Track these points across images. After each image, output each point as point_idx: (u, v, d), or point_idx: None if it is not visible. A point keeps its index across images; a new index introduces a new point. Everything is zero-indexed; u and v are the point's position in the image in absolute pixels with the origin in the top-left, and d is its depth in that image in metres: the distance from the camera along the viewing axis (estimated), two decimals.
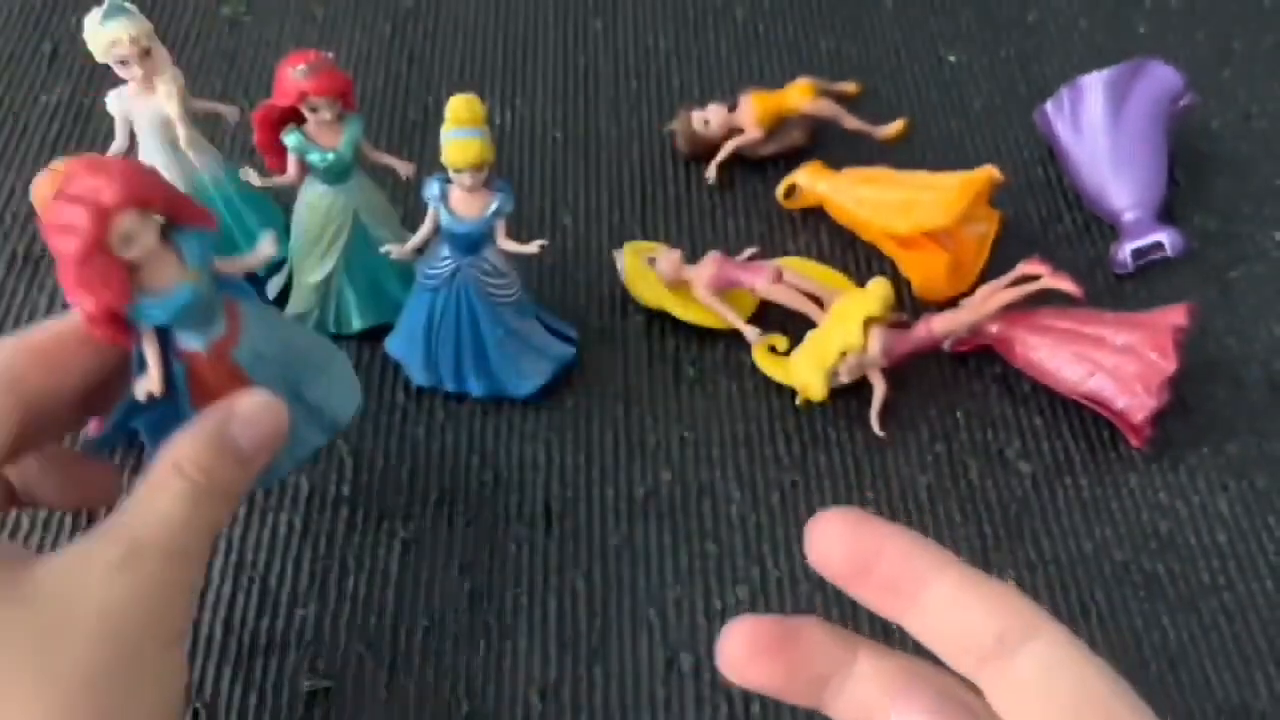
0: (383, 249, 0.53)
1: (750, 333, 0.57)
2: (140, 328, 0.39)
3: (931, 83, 0.72)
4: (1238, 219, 0.65)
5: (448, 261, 0.52)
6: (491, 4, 0.76)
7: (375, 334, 0.57)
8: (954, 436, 0.55)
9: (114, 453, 0.53)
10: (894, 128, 0.67)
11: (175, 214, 0.38)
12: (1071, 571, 0.51)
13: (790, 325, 0.58)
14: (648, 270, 0.58)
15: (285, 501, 0.52)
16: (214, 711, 0.46)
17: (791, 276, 0.57)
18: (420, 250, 0.53)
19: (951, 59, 0.74)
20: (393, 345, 0.56)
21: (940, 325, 0.54)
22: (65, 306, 0.49)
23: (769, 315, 0.59)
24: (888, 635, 0.49)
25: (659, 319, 0.60)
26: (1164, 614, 0.50)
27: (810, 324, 0.56)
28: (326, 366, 0.46)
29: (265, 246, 0.42)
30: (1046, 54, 0.74)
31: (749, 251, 0.61)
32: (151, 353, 0.40)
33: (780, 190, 0.64)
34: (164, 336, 0.40)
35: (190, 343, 0.41)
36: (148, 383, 0.40)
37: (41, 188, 0.45)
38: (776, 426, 0.56)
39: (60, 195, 0.35)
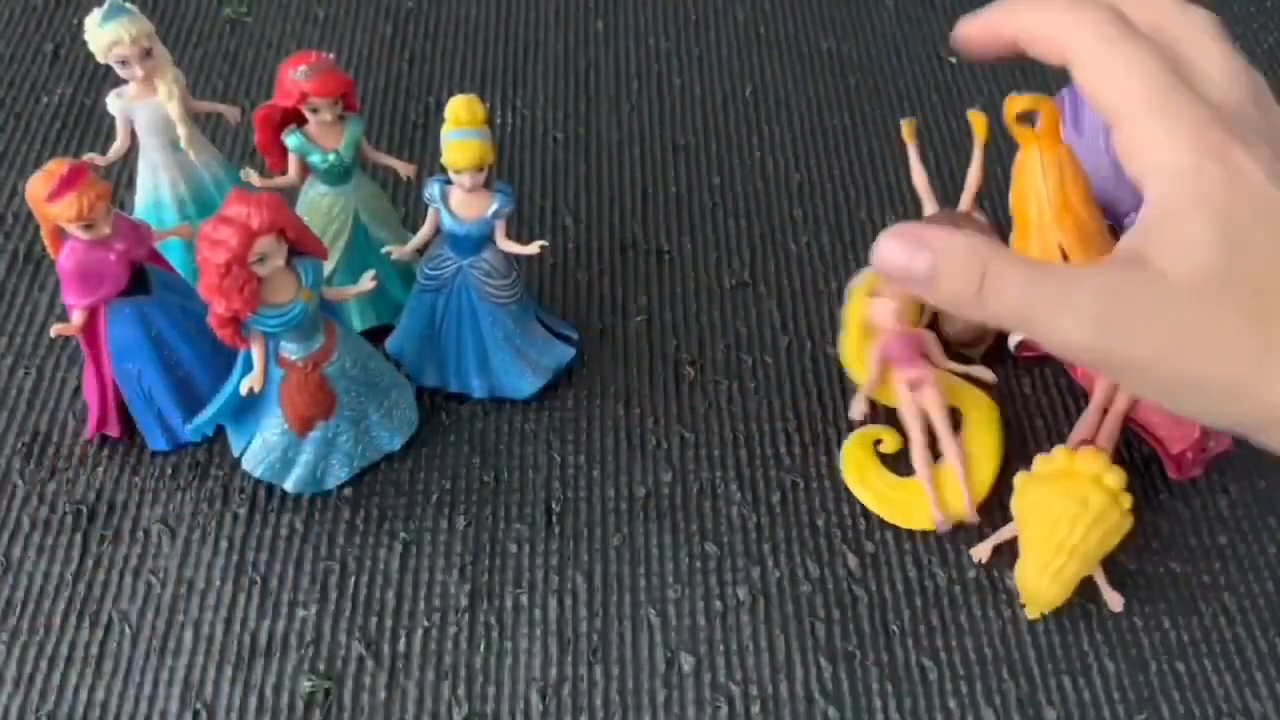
0: (383, 250, 0.53)
1: (856, 409, 0.53)
2: (253, 334, 0.46)
3: (931, 83, 0.72)
4: None
5: (448, 262, 0.52)
6: (492, 5, 0.76)
7: (376, 334, 0.57)
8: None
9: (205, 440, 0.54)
10: None
11: (299, 243, 0.45)
12: None
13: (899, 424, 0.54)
14: (862, 300, 0.53)
15: (286, 503, 0.52)
16: (214, 712, 0.46)
17: (930, 393, 0.52)
18: (421, 251, 0.53)
19: (952, 60, 0.74)
20: (393, 346, 0.56)
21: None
22: (64, 307, 0.49)
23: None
24: (888, 637, 0.49)
25: (659, 319, 0.60)
26: (1164, 615, 0.50)
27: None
28: (390, 391, 0.53)
29: (366, 281, 0.49)
30: None
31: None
32: (259, 355, 0.47)
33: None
34: (270, 345, 0.47)
35: (292, 352, 0.48)
36: (252, 380, 0.47)
37: (35, 187, 0.45)
38: (777, 426, 0.56)
39: (218, 217, 0.43)
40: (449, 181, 0.50)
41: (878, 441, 0.53)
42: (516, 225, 0.63)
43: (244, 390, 0.48)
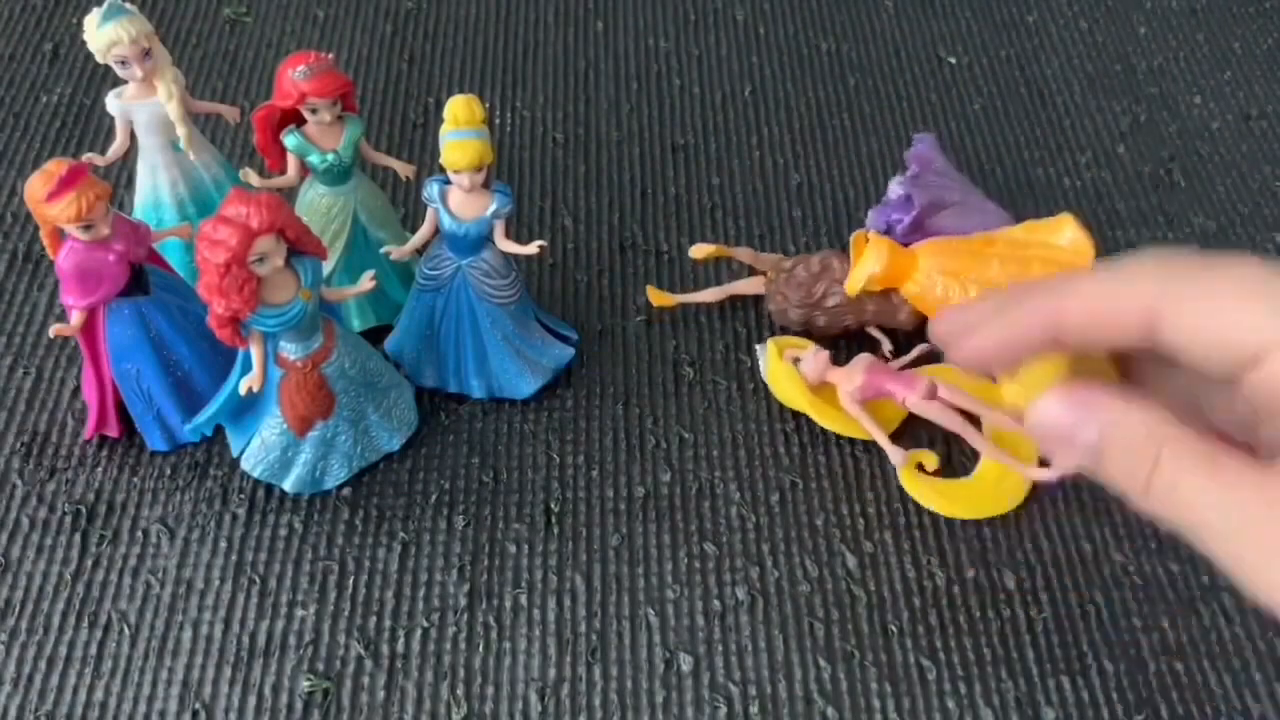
0: (382, 250, 0.53)
1: (895, 455, 0.53)
2: (253, 334, 0.46)
3: (931, 83, 0.72)
4: (1237, 221, 0.65)
5: (447, 263, 0.52)
6: (492, 5, 0.76)
7: (375, 334, 0.57)
8: (955, 438, 0.55)
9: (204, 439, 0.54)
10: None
11: (299, 243, 0.45)
12: (1071, 572, 0.51)
13: (938, 441, 0.55)
14: (791, 369, 0.55)
15: (285, 503, 0.52)
16: (212, 712, 0.46)
17: (946, 391, 0.52)
18: (420, 251, 0.53)
19: (951, 60, 0.74)
20: (392, 346, 0.56)
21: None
22: (63, 307, 0.49)
23: (914, 431, 0.55)
24: (887, 638, 0.49)
25: (658, 319, 0.60)
26: (1164, 615, 0.50)
27: (962, 443, 0.54)
28: (389, 391, 0.53)
29: (365, 281, 0.49)
30: (1046, 55, 0.74)
31: (902, 360, 0.57)
32: (258, 355, 0.47)
33: (853, 288, 0.55)
34: (269, 345, 0.47)
35: (291, 352, 0.48)
36: (251, 380, 0.47)
37: (34, 188, 0.45)
38: (776, 427, 0.56)
39: (218, 217, 0.42)
40: (448, 182, 0.50)
41: (920, 465, 0.54)
42: (516, 225, 0.63)
43: (243, 390, 0.48)
